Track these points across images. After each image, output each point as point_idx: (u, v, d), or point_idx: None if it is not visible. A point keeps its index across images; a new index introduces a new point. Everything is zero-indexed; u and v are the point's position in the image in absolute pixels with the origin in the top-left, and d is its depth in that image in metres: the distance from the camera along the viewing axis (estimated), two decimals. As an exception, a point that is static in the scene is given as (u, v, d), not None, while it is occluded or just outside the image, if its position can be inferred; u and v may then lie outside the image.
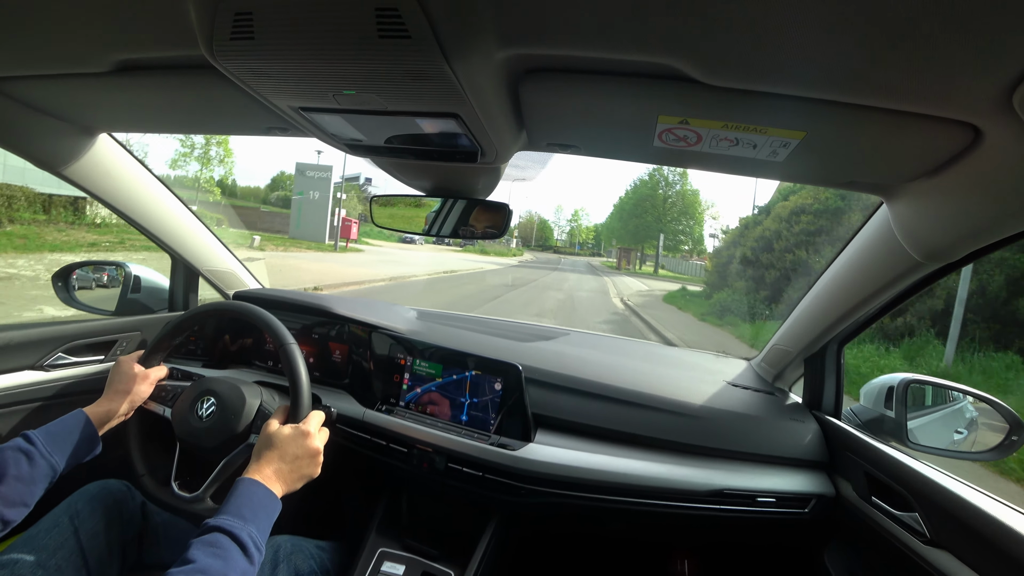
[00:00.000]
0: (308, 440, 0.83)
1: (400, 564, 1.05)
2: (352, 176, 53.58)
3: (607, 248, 73.15)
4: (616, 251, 50.92)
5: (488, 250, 37.38)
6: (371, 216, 1.06)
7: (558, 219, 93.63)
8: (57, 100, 0.89)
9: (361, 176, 52.87)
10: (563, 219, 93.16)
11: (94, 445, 0.86)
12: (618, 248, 49.98)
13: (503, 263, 28.24)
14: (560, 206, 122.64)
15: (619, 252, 47.33)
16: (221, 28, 0.49)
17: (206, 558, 0.61)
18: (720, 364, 1.42)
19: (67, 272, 1.43)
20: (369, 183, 51.19)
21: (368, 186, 50.33)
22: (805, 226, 10.41)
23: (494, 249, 39.04)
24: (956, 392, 1.12)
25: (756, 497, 1.02)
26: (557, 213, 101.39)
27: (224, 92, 0.72)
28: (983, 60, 0.43)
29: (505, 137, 0.73)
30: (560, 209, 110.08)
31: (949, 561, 0.78)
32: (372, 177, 51.51)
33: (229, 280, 1.55)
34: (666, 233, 42.23)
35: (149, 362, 1.00)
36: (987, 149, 0.56)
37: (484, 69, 0.55)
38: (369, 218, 1.07)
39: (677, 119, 0.63)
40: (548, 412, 1.12)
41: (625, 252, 45.74)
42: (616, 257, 49.56)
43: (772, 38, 0.45)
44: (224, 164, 25.61)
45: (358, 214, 33.81)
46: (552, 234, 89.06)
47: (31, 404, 1.15)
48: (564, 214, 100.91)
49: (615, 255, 52.99)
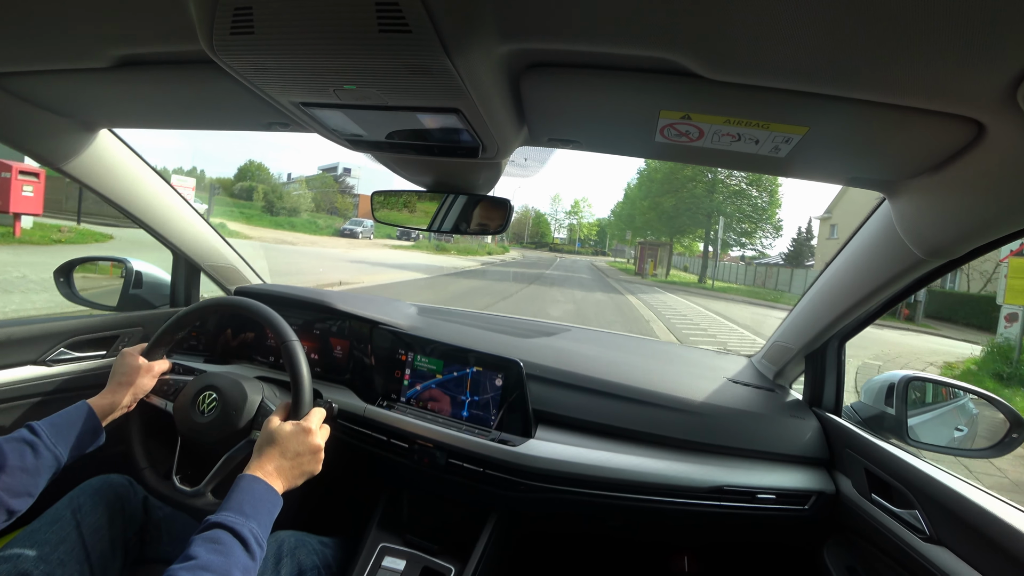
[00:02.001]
0: (309, 437, 0.83)
1: (400, 559, 1.06)
2: (329, 166, 49.90)
3: (613, 245, 60.72)
4: (637, 247, 33.01)
5: (448, 247, 27.95)
6: (372, 211, 1.06)
7: (555, 212, 77.10)
8: (58, 96, 0.89)
9: (339, 166, 48.53)
10: (561, 211, 76.70)
11: (97, 436, 0.86)
12: (638, 244, 32.55)
13: (461, 266, 19.96)
14: (557, 195, 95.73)
15: (640, 249, 30.27)
16: (221, 23, 0.49)
17: (208, 554, 0.61)
18: (721, 361, 1.42)
19: (69, 268, 1.43)
20: (348, 174, 46.71)
21: (346, 177, 46.36)
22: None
23: (458, 246, 28.80)
24: (956, 389, 1.12)
25: (756, 494, 1.02)
26: (554, 204, 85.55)
27: (225, 87, 0.72)
28: (987, 55, 0.42)
29: (506, 132, 0.73)
30: (557, 200, 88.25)
31: (949, 558, 0.78)
32: (351, 168, 47.14)
33: (230, 276, 1.55)
34: (729, 216, 25.33)
35: (152, 355, 1.01)
36: (990, 145, 0.55)
37: (485, 64, 0.55)
38: (371, 214, 1.07)
39: (679, 114, 0.63)
40: (549, 408, 1.12)
41: (651, 249, 28.39)
42: (636, 257, 32.67)
43: (775, 32, 0.45)
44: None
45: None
46: (549, 229, 74.35)
47: (33, 399, 1.16)
48: (562, 205, 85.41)
49: (634, 253, 36.92)
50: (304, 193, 36.61)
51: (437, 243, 27.51)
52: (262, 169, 41.70)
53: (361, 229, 29.10)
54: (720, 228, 23.87)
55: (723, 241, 25.49)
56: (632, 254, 43.32)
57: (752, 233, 26.02)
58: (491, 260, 27.18)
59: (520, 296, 11.83)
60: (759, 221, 25.77)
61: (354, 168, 46.71)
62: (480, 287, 12.99)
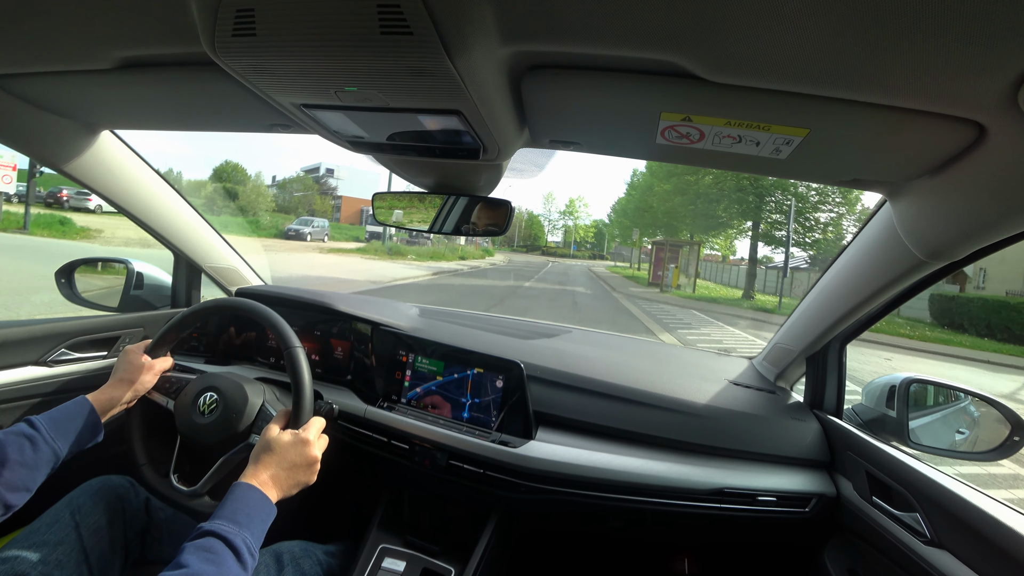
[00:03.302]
0: (307, 448, 0.82)
1: (401, 560, 1.06)
2: (311, 167, 47.54)
3: (612, 247, 56.59)
4: (651, 249, 24.52)
5: (406, 250, 22.09)
6: (373, 212, 1.06)
7: (548, 211, 68.30)
8: (60, 97, 0.89)
9: (321, 166, 45.73)
10: (555, 211, 67.84)
11: (97, 432, 0.86)
12: (653, 244, 24.35)
13: (404, 276, 14.01)
14: (551, 194, 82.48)
15: (656, 251, 21.96)
16: (223, 24, 0.49)
17: (200, 563, 0.60)
18: (722, 363, 1.42)
19: (70, 269, 1.43)
20: (331, 175, 44.39)
21: (329, 177, 44.03)
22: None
23: (420, 249, 22.79)
24: (958, 392, 1.11)
25: (757, 496, 1.02)
26: (547, 204, 75.18)
27: (227, 89, 0.72)
28: (988, 57, 0.42)
29: (507, 134, 0.73)
30: (551, 199, 77.87)
31: (949, 561, 0.77)
32: (334, 168, 44.80)
33: (231, 277, 1.56)
34: (802, 199, 15.85)
35: (155, 353, 1.01)
36: (992, 147, 0.55)
37: (486, 65, 0.55)
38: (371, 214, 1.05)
39: (679, 116, 0.63)
40: (549, 410, 1.12)
41: (671, 250, 19.77)
42: (650, 261, 23.73)
43: (775, 34, 0.45)
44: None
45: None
46: (543, 231, 66.98)
47: (33, 400, 1.16)
48: (556, 205, 76.96)
49: (647, 256, 27.82)
50: (261, 191, 33.48)
51: (391, 245, 22.81)
52: (239, 170, 40.01)
53: (310, 230, 25.07)
54: (791, 213, 15.17)
55: (783, 234, 16.26)
56: (638, 257, 35.83)
57: (827, 227, 16.37)
58: (455, 268, 19.71)
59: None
60: (842, 205, 16.05)
61: (337, 168, 45.15)
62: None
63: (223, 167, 38.82)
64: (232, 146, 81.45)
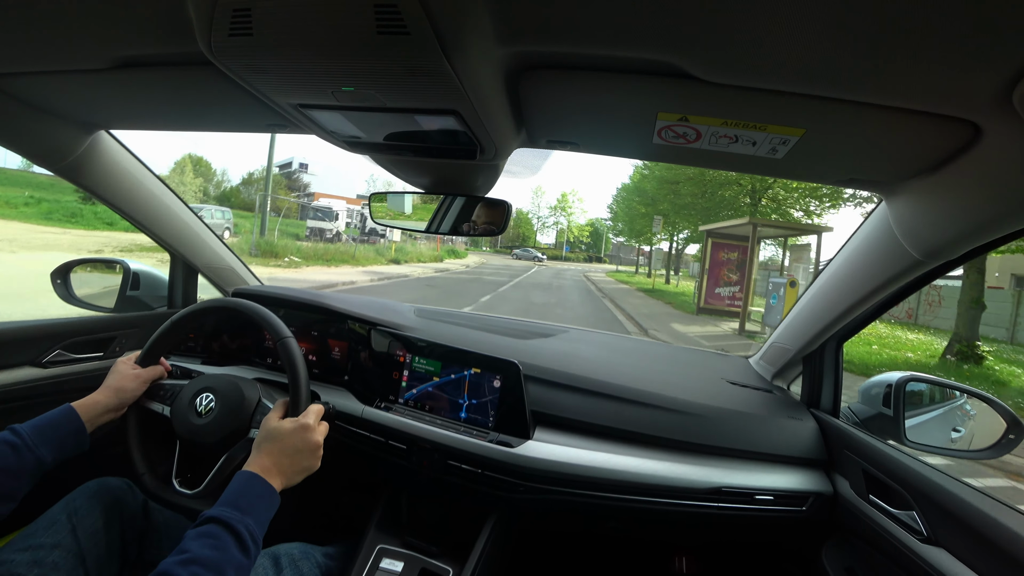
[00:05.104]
0: (308, 433, 0.83)
1: (399, 561, 1.06)
2: (284, 162, 45.55)
3: (609, 249, 52.82)
4: (708, 244, 11.81)
5: (333, 258, 13.81)
6: (370, 213, 1.06)
7: (537, 207, 59.37)
8: (56, 97, 0.89)
9: (294, 161, 44.11)
10: (543, 207, 59.05)
11: (82, 439, 0.85)
12: (708, 237, 11.87)
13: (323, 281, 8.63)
14: (539, 188, 62.65)
15: (713, 249, 11.64)
16: (220, 24, 0.49)
17: (201, 549, 0.60)
18: (719, 362, 1.42)
19: (66, 269, 1.43)
20: (304, 169, 42.53)
21: (302, 172, 42.19)
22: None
23: (367, 253, 16.10)
24: (954, 390, 1.12)
25: (754, 495, 1.02)
26: (535, 199, 61.49)
27: (223, 89, 0.72)
28: (983, 57, 0.43)
29: (504, 134, 0.73)
30: (540, 193, 62.48)
31: (946, 559, 0.78)
32: (308, 163, 43.26)
33: (228, 277, 1.55)
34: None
35: (146, 361, 1.00)
36: (987, 146, 0.56)
37: (483, 65, 0.55)
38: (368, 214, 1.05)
39: (676, 116, 0.63)
40: (547, 409, 1.12)
41: (741, 249, 10.88)
42: (702, 269, 12.16)
43: (772, 35, 0.45)
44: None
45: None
46: (532, 230, 59.16)
47: (29, 401, 1.15)
48: (546, 199, 64.91)
49: (705, 256, 11.51)
50: (188, 183, 31.46)
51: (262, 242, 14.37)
52: (202, 163, 36.57)
53: (211, 221, 16.40)
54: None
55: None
56: (649, 258, 24.65)
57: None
58: (393, 273, 13.88)
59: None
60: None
61: (312, 163, 43.24)
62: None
63: (183, 160, 35.63)
64: (204, 137, 78.69)
